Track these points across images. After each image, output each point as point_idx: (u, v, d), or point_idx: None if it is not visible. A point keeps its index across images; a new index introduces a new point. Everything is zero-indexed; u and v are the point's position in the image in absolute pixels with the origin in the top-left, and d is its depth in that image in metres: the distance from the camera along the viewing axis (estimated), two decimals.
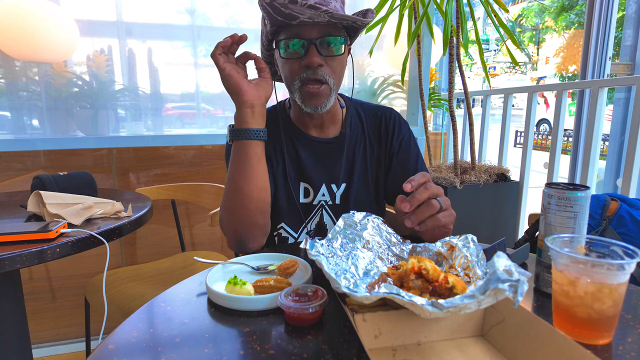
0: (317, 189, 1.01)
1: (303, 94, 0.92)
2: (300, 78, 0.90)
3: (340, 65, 0.93)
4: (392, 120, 1.06)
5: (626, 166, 1.51)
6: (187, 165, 2.00)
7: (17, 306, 1.18)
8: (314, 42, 0.87)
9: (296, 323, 0.57)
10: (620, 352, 0.50)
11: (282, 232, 1.02)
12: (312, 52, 0.87)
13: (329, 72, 0.90)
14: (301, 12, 0.82)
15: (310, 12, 0.81)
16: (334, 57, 0.90)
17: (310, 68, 0.88)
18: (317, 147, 1.02)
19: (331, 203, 1.02)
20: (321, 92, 0.90)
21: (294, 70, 0.91)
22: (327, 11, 0.81)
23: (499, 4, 1.69)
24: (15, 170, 1.79)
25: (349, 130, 1.04)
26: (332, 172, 1.02)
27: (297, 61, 0.89)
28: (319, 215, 1.02)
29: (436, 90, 2.65)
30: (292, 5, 0.80)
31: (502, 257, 0.52)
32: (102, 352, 0.52)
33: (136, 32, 1.91)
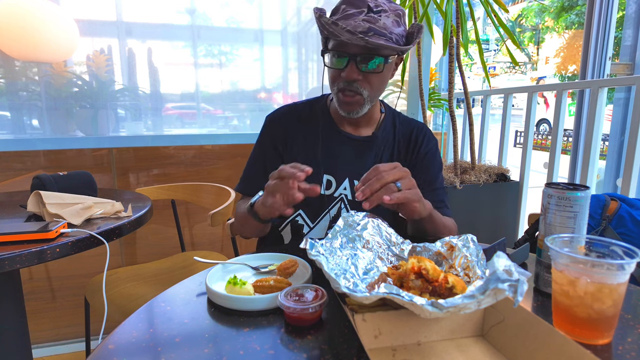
0: (340, 183, 1.06)
1: (338, 101, 0.99)
2: (338, 86, 0.97)
3: (378, 79, 0.98)
4: (422, 133, 1.12)
5: (626, 166, 1.51)
6: (187, 165, 2.00)
7: (17, 306, 1.18)
8: (353, 58, 0.92)
9: (296, 323, 0.57)
10: (620, 352, 0.50)
11: (299, 219, 1.06)
12: (350, 68, 0.93)
13: (365, 85, 0.96)
14: (341, 33, 0.88)
15: (348, 35, 0.87)
16: (372, 74, 0.95)
17: (347, 81, 0.95)
18: (349, 143, 1.08)
19: (350, 198, 1.06)
20: (354, 101, 0.98)
21: (334, 78, 0.98)
22: (364, 38, 0.86)
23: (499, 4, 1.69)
24: (15, 170, 1.79)
25: (382, 132, 1.09)
26: (358, 169, 1.05)
27: (338, 71, 0.96)
28: (337, 207, 1.06)
29: (436, 90, 2.65)
30: (334, 27, 0.87)
31: (502, 257, 0.52)
32: (102, 352, 0.52)
33: (136, 32, 1.91)
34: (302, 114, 1.11)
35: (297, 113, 1.11)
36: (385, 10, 0.91)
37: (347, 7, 0.91)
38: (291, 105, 1.14)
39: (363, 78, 0.95)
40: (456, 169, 1.86)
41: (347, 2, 0.92)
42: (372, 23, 0.89)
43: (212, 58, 2.06)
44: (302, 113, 1.11)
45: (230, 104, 2.12)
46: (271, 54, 2.14)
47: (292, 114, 1.12)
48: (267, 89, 2.15)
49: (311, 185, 0.79)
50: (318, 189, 0.79)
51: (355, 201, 1.05)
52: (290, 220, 1.07)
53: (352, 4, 0.91)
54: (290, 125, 1.09)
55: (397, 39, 0.93)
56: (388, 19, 0.91)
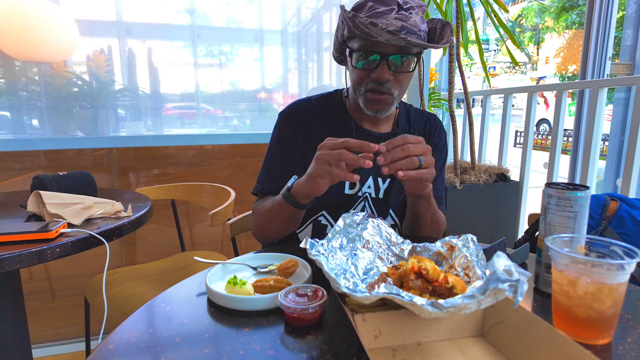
0: (364, 181, 1.04)
1: (366, 100, 0.96)
2: (367, 86, 0.94)
3: (407, 78, 0.96)
4: (435, 125, 1.11)
5: (626, 166, 1.51)
6: (187, 165, 2.00)
7: (17, 306, 1.18)
8: (385, 58, 0.90)
9: (296, 323, 0.57)
10: (620, 352, 0.50)
11: (322, 219, 1.04)
12: (382, 68, 0.90)
13: (395, 85, 0.93)
14: (379, 34, 0.84)
15: (388, 36, 0.84)
16: (402, 73, 0.93)
17: (378, 81, 0.91)
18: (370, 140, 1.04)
19: (374, 196, 1.04)
20: (384, 100, 0.94)
21: (361, 79, 0.94)
22: (405, 38, 0.83)
23: (499, 4, 1.69)
24: (15, 170, 1.79)
25: (401, 128, 1.08)
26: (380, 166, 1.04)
27: (367, 71, 0.93)
28: (361, 206, 1.04)
29: (436, 90, 2.65)
30: (372, 27, 0.83)
31: (502, 257, 0.52)
32: (102, 352, 0.52)
33: (136, 32, 1.91)
34: (319, 110, 1.06)
35: (313, 109, 1.07)
36: (413, 7, 0.89)
37: (376, 5, 0.88)
38: (305, 100, 1.09)
39: (394, 78, 0.92)
40: (456, 169, 1.86)
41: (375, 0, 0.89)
42: (404, 21, 0.86)
43: (212, 58, 2.06)
44: (318, 109, 1.07)
45: (230, 104, 2.12)
46: (271, 54, 2.14)
47: (308, 109, 1.07)
48: (267, 89, 2.15)
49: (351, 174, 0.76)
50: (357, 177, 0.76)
51: (379, 199, 1.04)
52: (313, 219, 1.03)
53: (381, 1, 0.88)
54: (307, 121, 1.04)
55: (424, 36, 0.91)
56: (417, 16, 0.89)
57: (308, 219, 1.04)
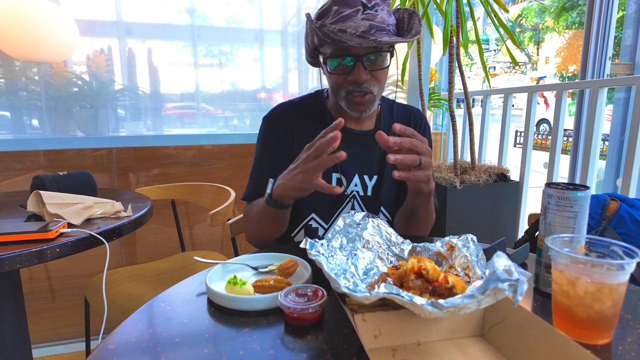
0: (350, 179, 1.04)
1: (348, 102, 0.96)
2: (347, 89, 0.94)
3: (384, 74, 0.96)
4: (419, 121, 1.12)
5: (626, 166, 1.51)
6: (187, 165, 2.00)
7: (17, 306, 1.18)
8: (360, 59, 0.90)
9: (296, 323, 0.57)
10: (620, 352, 0.50)
11: (313, 222, 1.04)
12: (358, 70, 0.90)
13: (374, 82, 0.94)
14: (349, 39, 0.85)
15: (359, 40, 0.84)
16: (379, 70, 0.93)
17: (356, 83, 0.92)
18: (354, 138, 1.05)
19: (362, 194, 1.04)
20: (366, 100, 0.95)
21: (340, 82, 0.95)
22: (376, 39, 0.83)
23: (499, 4, 1.68)
24: (15, 170, 1.79)
25: (383, 124, 1.08)
26: (366, 164, 1.04)
27: (344, 75, 0.93)
28: (349, 206, 1.04)
29: (436, 90, 2.65)
30: (341, 34, 0.83)
31: (502, 257, 0.52)
32: (102, 352, 0.52)
33: (136, 32, 1.91)
34: (302, 112, 1.07)
35: (296, 111, 1.07)
36: (378, 3, 0.89)
37: (341, 8, 0.87)
38: (288, 102, 1.09)
39: (372, 77, 0.93)
40: (456, 169, 1.86)
41: (339, 2, 0.88)
42: (371, 20, 0.86)
43: (212, 58, 2.06)
44: (301, 111, 1.07)
45: (230, 104, 2.12)
46: (271, 54, 2.14)
47: (291, 111, 1.07)
48: (267, 89, 2.15)
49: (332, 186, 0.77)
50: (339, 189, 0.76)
51: (368, 197, 1.04)
52: (304, 224, 1.04)
53: (346, 4, 0.87)
54: (291, 124, 1.05)
55: (393, 29, 0.91)
56: (383, 11, 0.89)
57: (299, 224, 1.04)
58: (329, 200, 1.03)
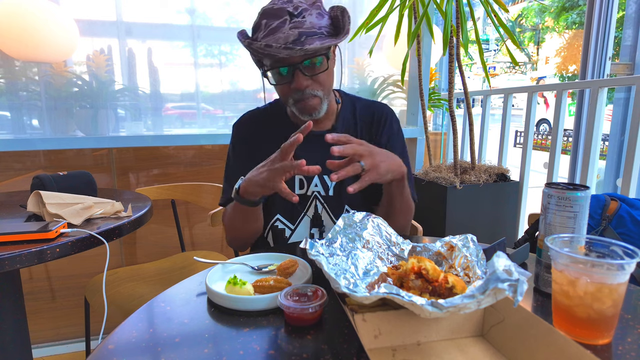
0: (310, 180, 1.05)
1: (298, 109, 0.99)
2: (293, 97, 0.97)
3: (327, 76, 0.97)
4: (383, 116, 1.10)
5: (626, 166, 1.51)
6: (187, 165, 2.00)
7: (17, 306, 1.18)
8: (297, 67, 0.91)
9: (296, 323, 0.57)
10: (620, 352, 0.50)
11: (279, 224, 1.06)
12: (297, 77, 0.92)
13: (317, 86, 0.95)
14: (278, 52, 0.87)
15: (286, 52, 0.86)
16: (319, 74, 0.94)
17: (299, 90, 0.93)
18: (312, 139, 1.05)
19: (324, 194, 1.05)
20: (314, 104, 0.97)
21: (284, 92, 0.98)
22: (302, 48, 0.85)
23: (499, 4, 1.68)
24: (15, 170, 1.79)
25: (342, 123, 1.08)
26: (324, 163, 1.03)
27: (287, 85, 0.95)
28: (313, 206, 1.05)
29: (436, 90, 2.65)
30: (269, 48, 0.86)
31: (502, 257, 0.52)
32: (102, 352, 0.52)
33: (136, 32, 1.91)
34: (264, 119, 1.11)
35: (259, 118, 1.11)
36: (305, 8, 0.89)
37: (269, 21, 0.89)
38: (254, 110, 1.14)
39: (312, 81, 0.94)
40: (456, 169, 1.86)
41: (267, 15, 0.89)
42: (300, 28, 0.87)
43: (212, 58, 2.06)
44: (263, 117, 1.11)
45: (230, 104, 2.12)
46: None
47: (255, 119, 1.11)
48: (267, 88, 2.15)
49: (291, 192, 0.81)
50: (296, 198, 0.80)
51: (330, 197, 1.06)
52: (271, 226, 1.07)
53: (273, 16, 0.89)
54: (255, 130, 1.09)
55: (327, 31, 0.92)
56: (311, 16, 0.89)
57: (266, 225, 1.07)
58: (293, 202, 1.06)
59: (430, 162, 2.07)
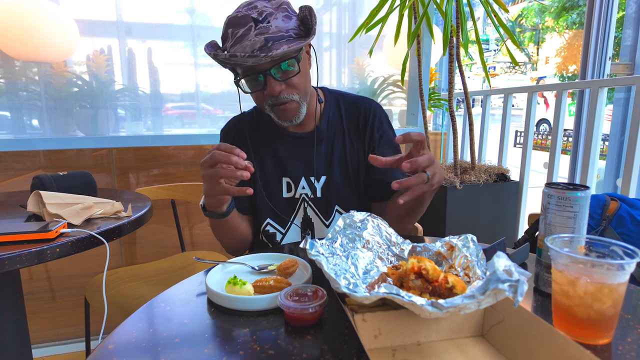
0: (297, 183, 1.04)
1: (276, 115, 0.97)
2: (268, 103, 0.95)
3: (301, 78, 0.95)
4: (371, 112, 1.07)
5: (626, 166, 1.51)
6: (187, 165, 2.00)
7: (16, 306, 1.18)
8: (268, 73, 0.89)
9: (296, 323, 0.57)
10: (620, 352, 0.50)
11: (270, 228, 1.05)
12: (270, 83, 0.90)
13: (291, 90, 0.93)
14: (244, 61, 0.86)
15: (252, 60, 0.85)
16: (292, 77, 0.93)
17: (273, 96, 0.92)
18: (294, 141, 1.06)
19: (312, 196, 1.05)
20: (290, 108, 0.95)
21: (259, 99, 0.96)
22: (267, 55, 0.84)
23: (499, 4, 1.68)
24: (15, 170, 1.79)
25: (326, 123, 1.06)
26: (310, 166, 1.04)
27: (260, 92, 0.94)
28: (302, 209, 1.05)
29: (436, 90, 2.65)
30: (234, 58, 0.85)
31: (502, 257, 0.52)
32: (102, 352, 0.52)
33: (136, 32, 1.91)
34: (249, 123, 1.10)
35: (245, 123, 1.10)
36: (270, 12, 0.88)
37: (235, 29, 0.88)
38: (240, 115, 1.12)
39: (286, 85, 0.92)
40: (456, 169, 1.86)
41: (232, 24, 0.89)
42: (265, 33, 0.86)
43: None
44: (248, 122, 1.10)
45: (230, 104, 2.12)
46: None
47: (241, 124, 1.11)
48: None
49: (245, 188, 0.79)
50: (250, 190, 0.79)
51: (318, 198, 1.04)
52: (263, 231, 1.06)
53: (238, 24, 0.88)
54: (244, 134, 1.08)
55: (295, 33, 0.90)
56: (277, 20, 0.88)
57: (258, 230, 1.07)
58: (281, 203, 1.05)
59: None
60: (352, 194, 1.06)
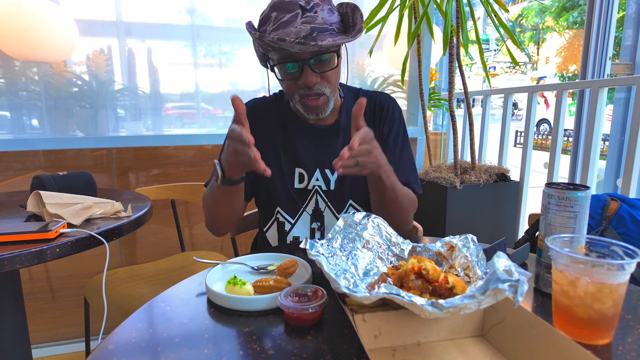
0: (311, 174, 1.04)
1: (303, 106, 0.97)
2: (299, 93, 0.94)
3: (334, 74, 0.95)
4: (385, 105, 1.08)
5: (626, 166, 1.51)
6: (186, 165, 2.00)
7: (16, 306, 1.18)
8: (307, 63, 0.89)
9: (296, 323, 0.57)
10: (620, 352, 0.50)
11: (279, 217, 1.05)
12: (307, 73, 0.90)
13: (325, 84, 0.94)
14: (290, 46, 0.85)
15: (300, 47, 0.84)
16: (328, 71, 0.93)
17: (307, 86, 0.92)
18: (314, 133, 1.05)
19: (325, 189, 1.04)
20: (320, 103, 0.95)
21: (291, 88, 0.95)
22: (317, 44, 0.83)
23: (499, 4, 1.68)
24: (15, 170, 1.79)
25: (345, 117, 1.06)
26: (327, 158, 1.03)
27: (294, 81, 0.93)
28: (313, 200, 1.04)
29: (436, 90, 2.65)
30: (281, 42, 0.83)
31: (502, 257, 0.52)
32: (101, 352, 0.52)
33: (136, 31, 1.91)
34: (268, 109, 1.08)
35: (263, 108, 1.08)
36: (317, 3, 0.87)
37: (280, 14, 0.86)
38: (259, 99, 1.11)
39: (321, 78, 0.92)
40: (456, 169, 1.86)
41: (277, 8, 0.87)
42: (312, 23, 0.85)
43: (212, 58, 2.06)
44: (267, 108, 1.08)
45: (230, 104, 2.11)
46: None
47: (258, 108, 1.08)
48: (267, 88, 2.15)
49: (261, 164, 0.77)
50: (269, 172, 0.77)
51: (331, 191, 1.04)
52: (274, 219, 1.05)
53: (283, 9, 0.86)
54: (257, 119, 1.05)
55: (337, 28, 0.90)
56: (323, 11, 0.88)
57: (269, 219, 1.06)
58: (293, 194, 1.04)
59: (430, 162, 2.07)
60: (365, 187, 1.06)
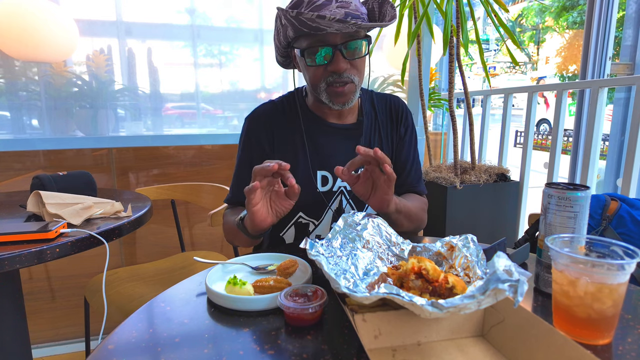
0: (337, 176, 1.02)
1: (329, 94, 0.95)
2: (327, 81, 0.93)
3: (363, 63, 0.96)
4: (400, 108, 1.11)
5: (626, 166, 1.51)
6: (186, 165, 2.00)
7: (16, 306, 1.18)
8: (339, 48, 0.89)
9: (296, 323, 0.57)
10: (620, 352, 0.50)
11: (302, 220, 1.04)
12: (337, 58, 0.89)
13: (354, 72, 0.93)
14: (329, 25, 0.84)
15: (339, 25, 0.83)
16: (357, 59, 0.92)
17: (336, 73, 0.91)
18: (336, 133, 1.05)
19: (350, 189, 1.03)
20: (347, 91, 0.94)
21: (319, 75, 0.93)
22: (356, 23, 0.83)
23: (499, 4, 1.68)
24: (15, 170, 1.79)
25: (366, 117, 1.07)
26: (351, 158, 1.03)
27: (323, 66, 0.92)
28: (337, 201, 1.04)
29: (436, 90, 2.65)
30: (320, 20, 0.82)
31: (502, 257, 0.52)
32: (101, 352, 0.52)
33: (136, 31, 1.91)
34: (282, 112, 1.06)
35: (278, 110, 1.06)
36: None
37: None
38: (269, 102, 1.08)
39: (351, 65, 0.92)
40: (456, 169, 1.86)
41: None
42: (346, 8, 0.86)
43: (212, 58, 2.06)
44: (282, 111, 1.06)
45: (230, 104, 2.12)
46: (271, 54, 2.14)
47: (273, 111, 1.06)
48: (267, 89, 2.15)
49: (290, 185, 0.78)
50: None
51: None
52: (294, 222, 1.04)
53: None
54: (273, 123, 1.04)
55: (365, 19, 0.91)
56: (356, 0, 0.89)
57: (288, 222, 1.05)
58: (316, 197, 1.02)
59: (430, 162, 2.07)
60: None
